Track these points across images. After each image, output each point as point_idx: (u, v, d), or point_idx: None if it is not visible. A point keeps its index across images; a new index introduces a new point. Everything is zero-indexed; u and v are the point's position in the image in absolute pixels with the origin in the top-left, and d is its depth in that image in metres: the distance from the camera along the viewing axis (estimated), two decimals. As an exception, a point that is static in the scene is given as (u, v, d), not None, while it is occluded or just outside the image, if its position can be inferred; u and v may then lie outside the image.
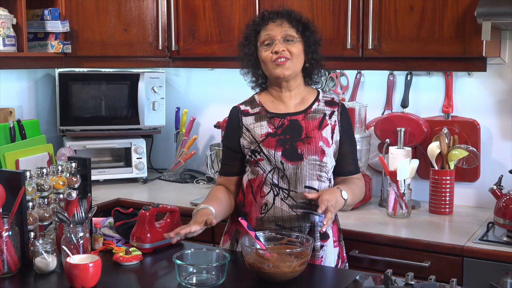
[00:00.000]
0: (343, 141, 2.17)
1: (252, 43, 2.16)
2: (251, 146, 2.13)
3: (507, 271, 2.25)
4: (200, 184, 3.41)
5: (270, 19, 2.13)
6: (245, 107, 2.21)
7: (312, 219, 2.09)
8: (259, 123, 2.15)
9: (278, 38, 2.10)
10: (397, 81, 3.07)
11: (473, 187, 2.94)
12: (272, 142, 2.10)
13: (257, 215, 2.12)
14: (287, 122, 2.13)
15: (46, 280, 1.90)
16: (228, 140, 2.23)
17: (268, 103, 2.19)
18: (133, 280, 1.95)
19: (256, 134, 2.14)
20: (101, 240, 2.16)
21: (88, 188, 2.22)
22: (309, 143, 2.09)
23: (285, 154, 2.09)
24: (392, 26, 2.67)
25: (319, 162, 2.09)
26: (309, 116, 2.14)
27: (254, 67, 2.20)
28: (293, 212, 2.09)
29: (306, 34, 2.14)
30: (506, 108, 2.85)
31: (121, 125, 3.44)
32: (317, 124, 2.13)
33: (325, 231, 2.06)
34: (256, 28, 2.16)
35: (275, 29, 2.11)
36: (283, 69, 2.10)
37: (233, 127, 2.20)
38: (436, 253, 2.39)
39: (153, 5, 3.23)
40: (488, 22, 2.38)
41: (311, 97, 2.19)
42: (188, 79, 3.70)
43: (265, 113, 2.17)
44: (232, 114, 2.23)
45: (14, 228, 1.93)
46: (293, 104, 2.18)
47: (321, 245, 2.11)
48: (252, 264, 1.84)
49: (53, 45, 3.07)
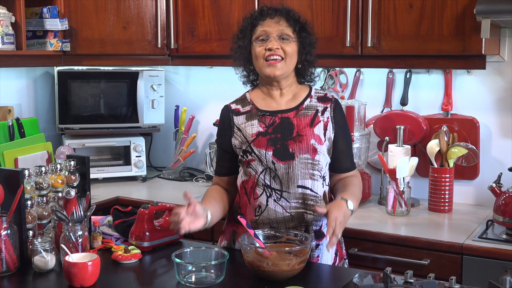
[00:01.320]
0: (337, 137, 2.12)
1: (247, 36, 2.13)
2: (243, 146, 2.10)
3: (507, 268, 2.25)
4: (199, 182, 3.41)
5: (268, 15, 2.10)
6: (236, 106, 2.18)
7: (306, 218, 2.06)
8: (250, 122, 2.12)
9: (274, 35, 2.06)
10: (397, 79, 3.07)
11: (473, 185, 2.94)
12: (263, 142, 2.07)
13: (252, 217, 2.09)
14: (278, 120, 2.10)
15: (45, 278, 1.90)
16: (220, 140, 2.20)
17: (259, 101, 2.16)
18: (132, 278, 1.94)
19: (247, 133, 2.10)
20: (100, 239, 2.16)
21: (87, 187, 2.21)
22: (300, 142, 2.05)
23: (276, 153, 2.05)
24: (392, 24, 2.67)
25: (311, 161, 2.06)
26: (301, 113, 2.10)
27: (246, 61, 2.17)
28: (287, 213, 2.06)
29: (302, 34, 2.10)
30: (505, 106, 2.85)
31: (120, 123, 3.44)
32: (309, 121, 2.09)
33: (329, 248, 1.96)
34: (253, 22, 2.12)
35: (272, 25, 2.08)
36: (274, 69, 2.06)
37: (224, 127, 2.17)
38: (435, 251, 2.39)
39: (152, 3, 3.23)
40: (488, 20, 2.38)
41: (303, 93, 2.15)
42: (187, 77, 3.70)
43: (255, 111, 2.13)
44: (223, 113, 2.20)
45: (12, 227, 1.93)
46: (284, 101, 2.14)
47: (316, 244, 2.09)
48: (251, 262, 1.84)
49: (52, 43, 3.07)
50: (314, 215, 2.05)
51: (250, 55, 2.14)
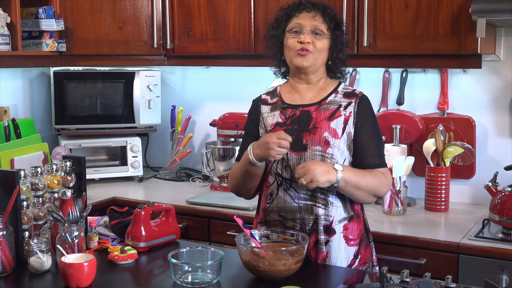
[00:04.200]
0: (360, 132, 2.07)
1: (281, 26, 2.14)
2: (263, 134, 2.12)
3: (503, 267, 2.26)
4: (196, 183, 3.41)
5: (305, 8, 2.10)
6: (265, 96, 2.22)
7: (315, 211, 2.04)
8: (272, 113, 2.15)
9: (308, 29, 2.07)
10: (393, 78, 3.08)
11: (469, 184, 2.95)
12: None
13: (264, 205, 2.13)
14: (299, 113, 2.11)
15: (41, 279, 1.90)
16: (249, 128, 2.22)
17: (285, 94, 2.18)
18: (128, 279, 1.94)
19: (267, 123, 2.14)
20: (96, 239, 2.16)
21: (83, 187, 2.21)
22: (314, 134, 2.05)
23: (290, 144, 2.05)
24: (387, 23, 2.68)
25: (322, 153, 2.04)
26: (322, 107, 2.10)
27: (278, 51, 2.17)
28: (295, 203, 2.06)
29: (336, 32, 2.11)
30: (501, 105, 2.85)
31: (117, 123, 3.43)
32: (328, 115, 2.08)
33: (302, 184, 1.92)
34: (289, 13, 2.13)
35: (307, 19, 2.08)
36: (303, 60, 2.07)
37: (252, 115, 2.22)
38: (431, 250, 2.39)
39: (148, 3, 3.23)
40: (483, 19, 2.38)
41: (329, 88, 2.15)
42: (183, 77, 3.70)
43: (280, 103, 2.16)
44: (254, 102, 2.24)
45: (8, 228, 1.93)
46: (309, 95, 2.14)
47: (326, 240, 2.05)
48: (248, 262, 1.84)
49: (48, 44, 3.06)
50: (324, 209, 2.04)
51: (282, 45, 2.15)
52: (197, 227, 2.89)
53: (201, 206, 2.91)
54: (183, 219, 2.88)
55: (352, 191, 2.02)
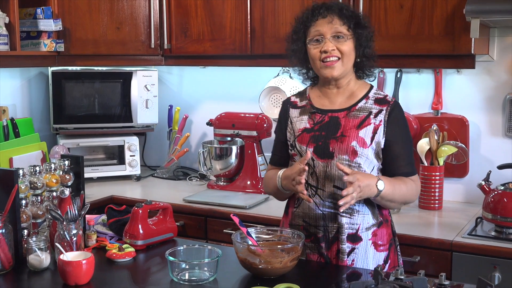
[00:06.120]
0: (392, 141, 2.02)
1: (301, 38, 2.07)
2: (291, 139, 2.11)
3: (495, 265, 2.28)
4: (193, 181, 3.43)
5: (320, 14, 2.02)
6: (295, 99, 2.17)
7: (339, 220, 2.01)
8: (301, 117, 2.10)
9: (328, 36, 2.00)
10: (387, 78, 3.10)
11: (462, 183, 2.97)
12: (306, 138, 2.05)
13: (292, 209, 2.12)
14: (328, 118, 2.05)
15: (40, 277, 1.92)
16: (278, 130, 2.19)
17: (315, 98, 2.12)
18: (126, 276, 1.96)
19: (295, 128, 2.10)
20: (94, 237, 2.18)
21: (81, 186, 2.23)
22: (342, 142, 1.99)
23: (316, 150, 2.02)
24: (382, 23, 2.70)
25: (349, 163, 1.99)
26: (352, 114, 2.04)
27: (303, 63, 2.11)
28: (319, 210, 2.03)
29: (357, 31, 2.03)
30: (494, 105, 2.88)
31: (115, 123, 3.45)
32: (357, 123, 2.02)
33: (342, 205, 1.88)
34: (306, 23, 2.05)
35: (325, 25, 2.00)
36: (332, 70, 2.01)
37: (281, 118, 2.17)
38: (425, 248, 2.41)
39: (145, 3, 3.25)
40: (477, 20, 2.40)
41: (360, 94, 2.08)
42: (180, 77, 3.72)
43: (309, 108, 2.11)
44: (283, 105, 2.19)
45: (7, 226, 1.94)
46: (339, 100, 2.09)
47: (352, 248, 2.01)
48: (244, 260, 1.86)
49: (46, 44, 3.08)
50: (349, 217, 2.01)
51: (306, 55, 2.08)
52: (194, 225, 2.91)
53: (198, 205, 2.93)
54: (180, 217, 2.90)
55: (385, 203, 2.04)
